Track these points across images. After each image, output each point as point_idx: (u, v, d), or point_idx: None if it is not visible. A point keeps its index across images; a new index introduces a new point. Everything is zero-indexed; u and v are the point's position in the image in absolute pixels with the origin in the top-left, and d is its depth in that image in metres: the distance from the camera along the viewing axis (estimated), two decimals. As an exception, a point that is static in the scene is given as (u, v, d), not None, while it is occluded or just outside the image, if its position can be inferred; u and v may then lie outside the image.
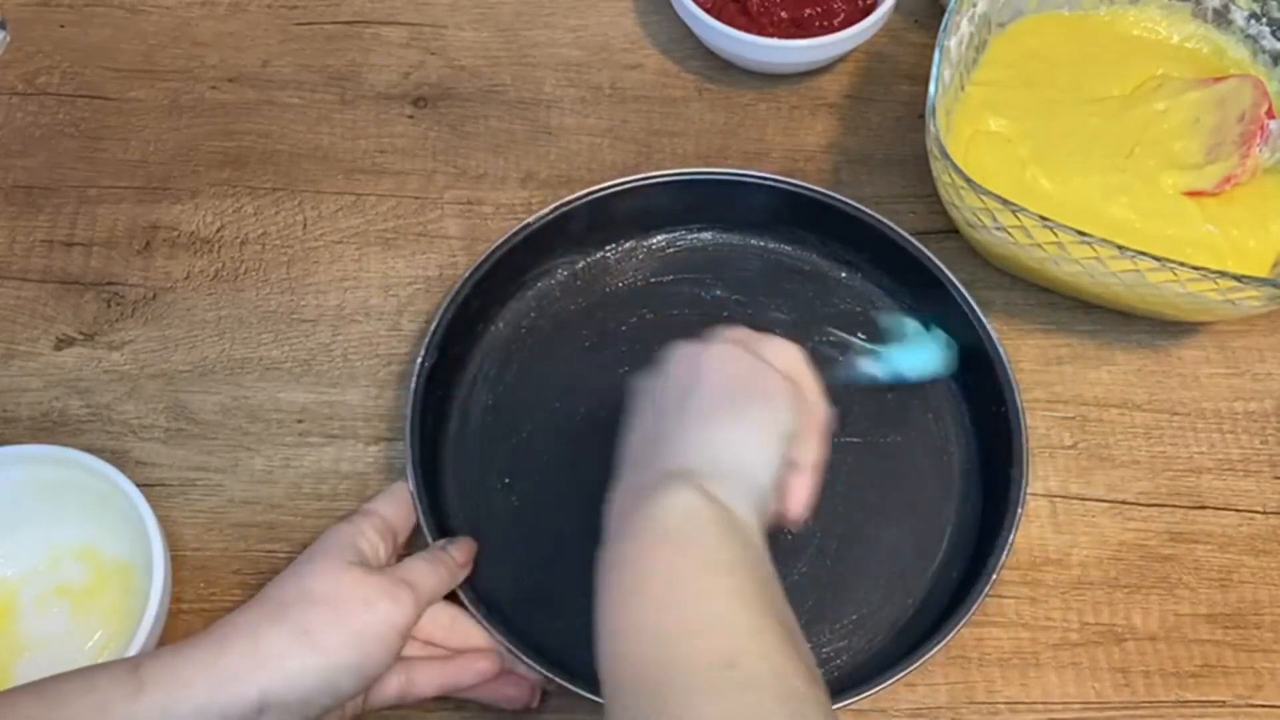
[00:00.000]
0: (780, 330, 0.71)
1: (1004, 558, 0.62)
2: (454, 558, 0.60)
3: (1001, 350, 0.68)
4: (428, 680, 0.58)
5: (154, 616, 0.59)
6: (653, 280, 0.74)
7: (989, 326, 0.69)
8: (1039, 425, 0.71)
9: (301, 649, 0.51)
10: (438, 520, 0.64)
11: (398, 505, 0.62)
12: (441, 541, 0.61)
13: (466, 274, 0.70)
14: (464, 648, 0.60)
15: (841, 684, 0.61)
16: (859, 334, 0.72)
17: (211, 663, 0.50)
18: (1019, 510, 0.64)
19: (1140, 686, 0.64)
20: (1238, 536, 0.68)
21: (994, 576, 0.62)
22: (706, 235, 0.75)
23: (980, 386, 0.69)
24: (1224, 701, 0.64)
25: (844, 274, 0.74)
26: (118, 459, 0.65)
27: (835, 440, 0.68)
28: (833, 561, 0.66)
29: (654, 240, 0.75)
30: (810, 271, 0.75)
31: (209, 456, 0.69)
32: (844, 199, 0.72)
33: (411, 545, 0.63)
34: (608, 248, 0.75)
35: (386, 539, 0.59)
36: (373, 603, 0.54)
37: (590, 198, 0.72)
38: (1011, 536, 0.63)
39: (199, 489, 0.68)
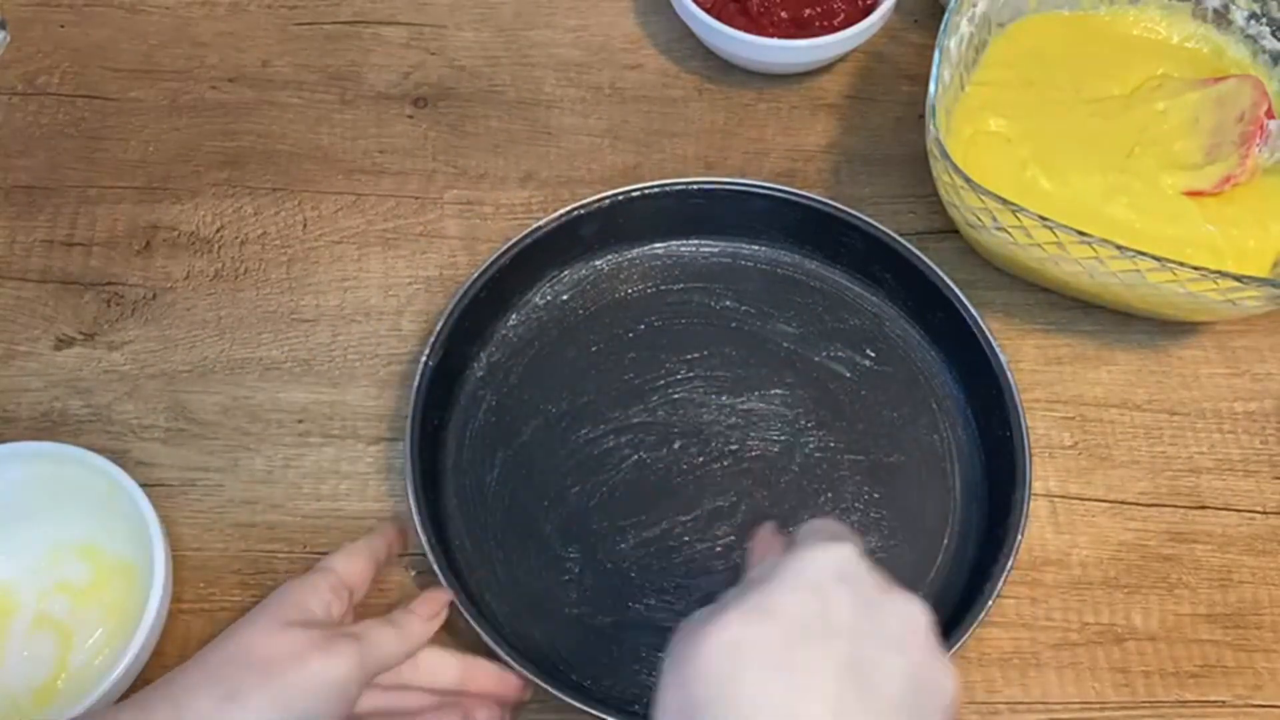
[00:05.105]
0: (787, 344, 0.72)
1: (1001, 585, 0.62)
2: (415, 614, 0.57)
3: (999, 351, 0.68)
4: None
5: (154, 615, 0.59)
6: (662, 288, 0.74)
7: (986, 328, 0.69)
8: (1039, 425, 0.71)
9: (225, 714, 0.49)
10: (435, 524, 0.63)
11: (354, 562, 0.58)
12: (415, 603, 0.58)
13: (475, 274, 0.70)
14: (481, 692, 0.58)
15: None
16: (868, 350, 0.72)
17: None
18: (1019, 536, 0.63)
19: (1140, 686, 0.64)
20: (1238, 536, 0.68)
21: (990, 603, 0.61)
22: (719, 244, 0.75)
23: (979, 389, 0.69)
24: (1224, 701, 0.64)
25: (857, 289, 0.74)
26: (118, 459, 0.65)
27: (838, 457, 0.68)
28: None
29: (665, 247, 0.75)
30: (820, 286, 0.74)
31: (209, 456, 0.69)
32: (870, 220, 0.72)
33: (406, 553, 0.63)
34: (618, 253, 0.74)
35: (340, 596, 0.56)
36: (304, 658, 0.51)
37: (603, 203, 0.72)
38: (1010, 563, 0.62)
39: (199, 489, 0.68)
